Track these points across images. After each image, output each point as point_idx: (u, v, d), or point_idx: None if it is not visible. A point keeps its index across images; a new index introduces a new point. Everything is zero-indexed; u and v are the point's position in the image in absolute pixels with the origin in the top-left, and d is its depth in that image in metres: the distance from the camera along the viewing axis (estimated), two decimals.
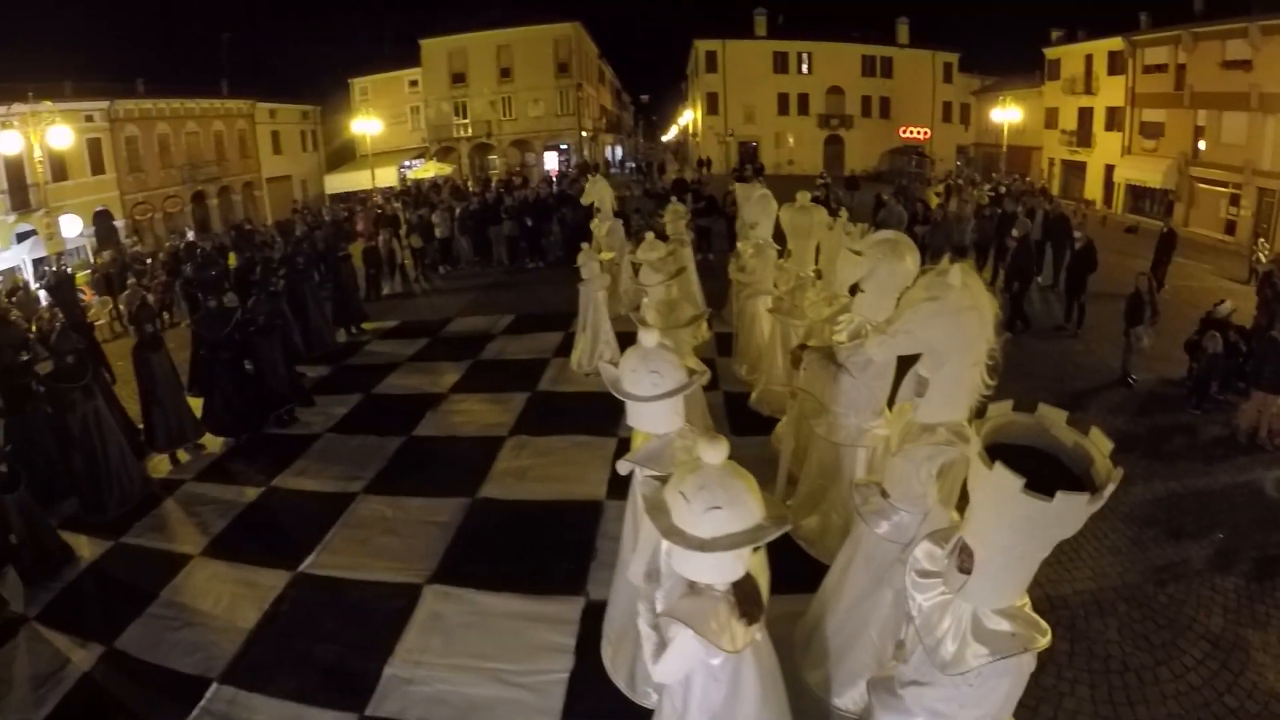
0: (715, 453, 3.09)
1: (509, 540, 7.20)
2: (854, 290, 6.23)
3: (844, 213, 7.49)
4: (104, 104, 33.04)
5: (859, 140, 49.21)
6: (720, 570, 3.09)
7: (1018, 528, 2.61)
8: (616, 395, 4.34)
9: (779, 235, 9.43)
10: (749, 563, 3.19)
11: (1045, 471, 2.57)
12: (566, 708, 5.09)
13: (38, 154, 23.47)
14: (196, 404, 10.27)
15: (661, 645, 3.33)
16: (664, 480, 3.35)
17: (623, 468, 4.56)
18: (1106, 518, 6.91)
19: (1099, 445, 2.64)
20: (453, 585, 6.56)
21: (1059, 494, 2.41)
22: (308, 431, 10.14)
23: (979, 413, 3.73)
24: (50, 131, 23.19)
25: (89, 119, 31.97)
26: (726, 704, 3.38)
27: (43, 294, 17.98)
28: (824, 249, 8.09)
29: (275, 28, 69.29)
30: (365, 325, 15.25)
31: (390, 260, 19.32)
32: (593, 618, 5.73)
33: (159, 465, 9.74)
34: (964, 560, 2.86)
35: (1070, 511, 2.47)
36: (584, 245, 11.75)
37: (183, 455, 9.92)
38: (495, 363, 12.35)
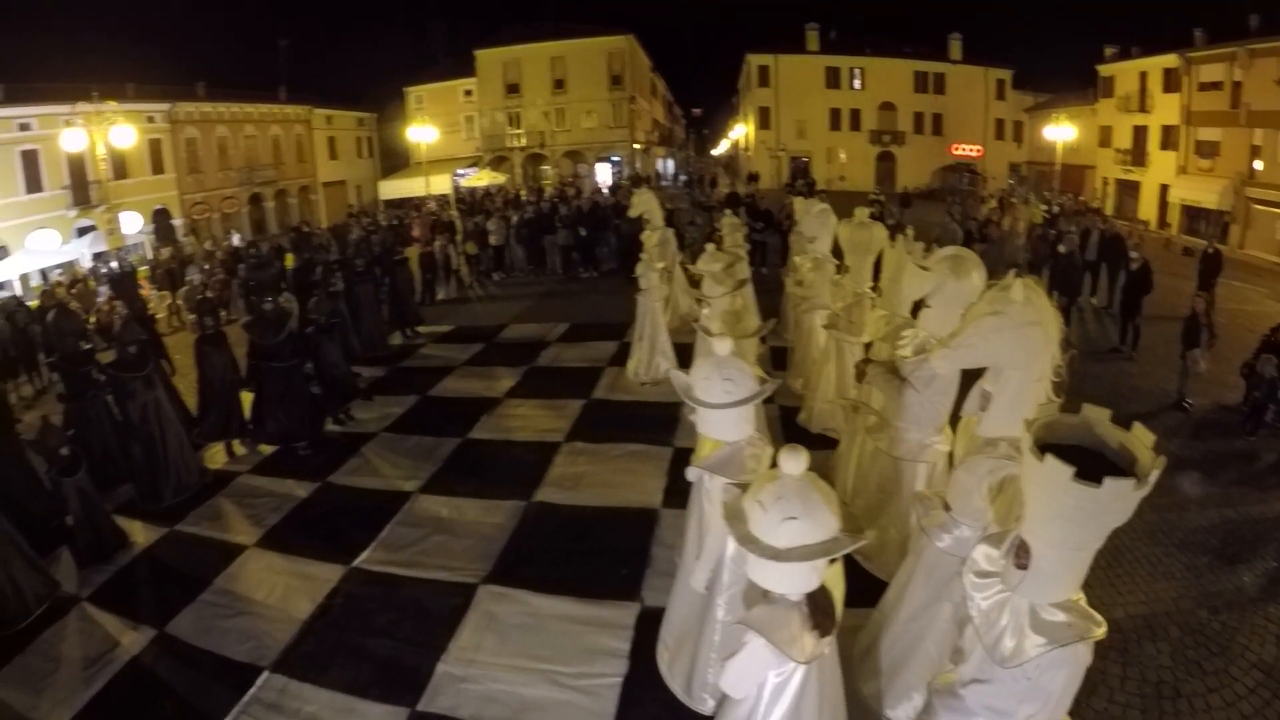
0: (794, 463, 3.19)
1: (564, 544, 7.27)
2: (917, 307, 6.29)
3: (909, 230, 7.49)
4: (165, 106, 34.69)
5: (911, 157, 49.11)
6: (795, 580, 3.19)
7: (1070, 517, 2.77)
8: (688, 402, 4.45)
9: (835, 251, 9.49)
10: (824, 575, 3.25)
11: (1092, 465, 2.73)
12: (620, 712, 5.12)
13: (100, 152, 24.40)
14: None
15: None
16: (743, 488, 3.44)
17: (691, 474, 4.65)
18: (1160, 542, 6.83)
19: (1141, 439, 2.83)
20: (507, 586, 6.63)
21: (1106, 480, 2.59)
22: (363, 430, 10.38)
23: None
24: (113, 131, 24.14)
25: (150, 120, 33.49)
26: (789, 716, 3.40)
27: (102, 287, 18.69)
28: (885, 265, 8.08)
29: (333, 36, 71.70)
30: (420, 329, 15.56)
31: (446, 266, 19.73)
32: (647, 624, 5.79)
33: (215, 457, 10.05)
34: (1021, 557, 3.01)
35: (1119, 498, 2.65)
36: (642, 256, 11.88)
37: (238, 448, 10.22)
38: (550, 370, 12.49)
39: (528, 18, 52.86)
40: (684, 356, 10.87)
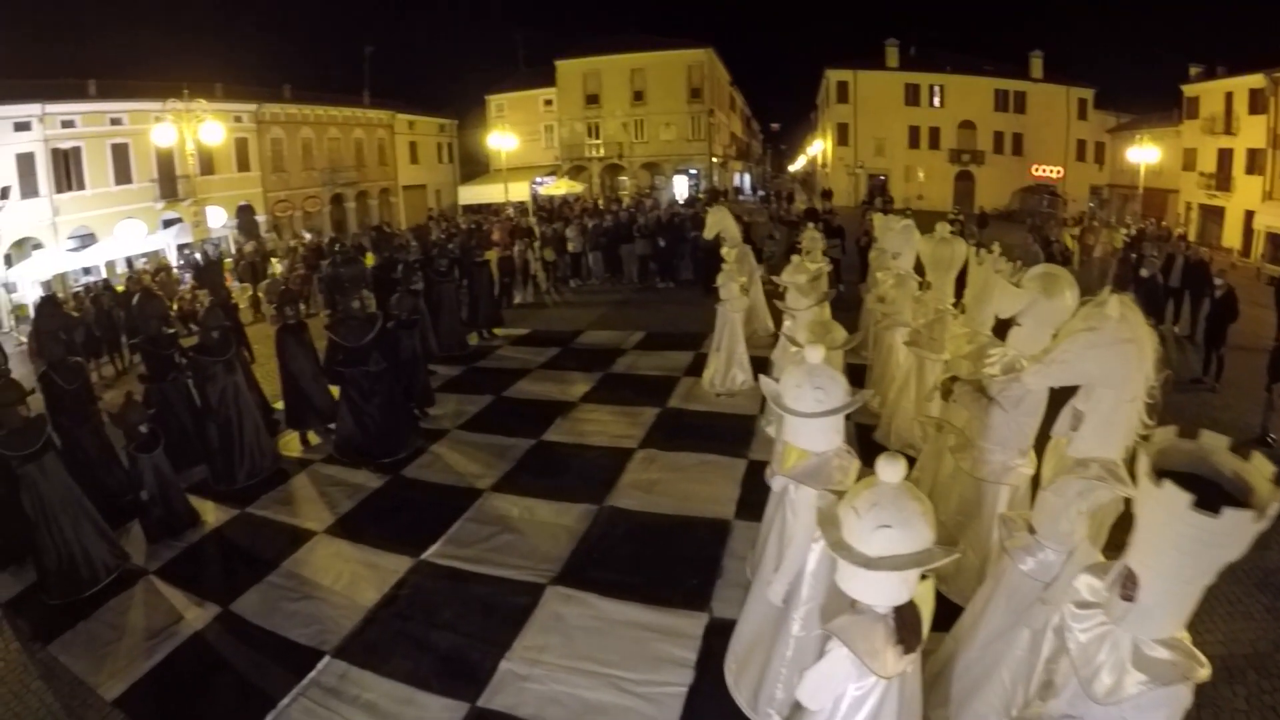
0: (892, 471, 3.16)
1: (635, 550, 7.24)
2: (1000, 325, 6.29)
3: (996, 246, 7.40)
4: (252, 107, 36.48)
5: (990, 177, 48.05)
6: (884, 591, 3.15)
7: (1184, 548, 2.73)
8: (778, 409, 4.45)
9: (916, 268, 9.44)
10: (914, 589, 3.21)
11: (1208, 494, 2.68)
12: None
13: (189, 147, 25.58)
14: (334, 390, 10.77)
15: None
16: (839, 495, 3.43)
17: (776, 483, 4.67)
18: (1240, 582, 6.55)
19: (1261, 470, 2.75)
20: (576, 589, 6.62)
21: (1225, 510, 2.54)
22: (437, 427, 10.57)
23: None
24: (203, 128, 25.26)
25: (238, 119, 35.18)
26: None
27: (185, 274, 19.51)
28: (970, 282, 7.92)
29: (417, 44, 73.98)
30: (497, 331, 15.92)
31: (524, 270, 20.09)
32: (716, 635, 5.74)
33: (290, 444, 10.40)
34: (1127, 588, 2.97)
35: (1236, 530, 2.59)
36: (724, 265, 11.86)
37: (313, 437, 10.53)
38: (625, 376, 12.53)
39: (609, 29, 53.77)
40: (760, 371, 10.83)
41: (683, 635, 5.88)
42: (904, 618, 3.19)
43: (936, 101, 49.21)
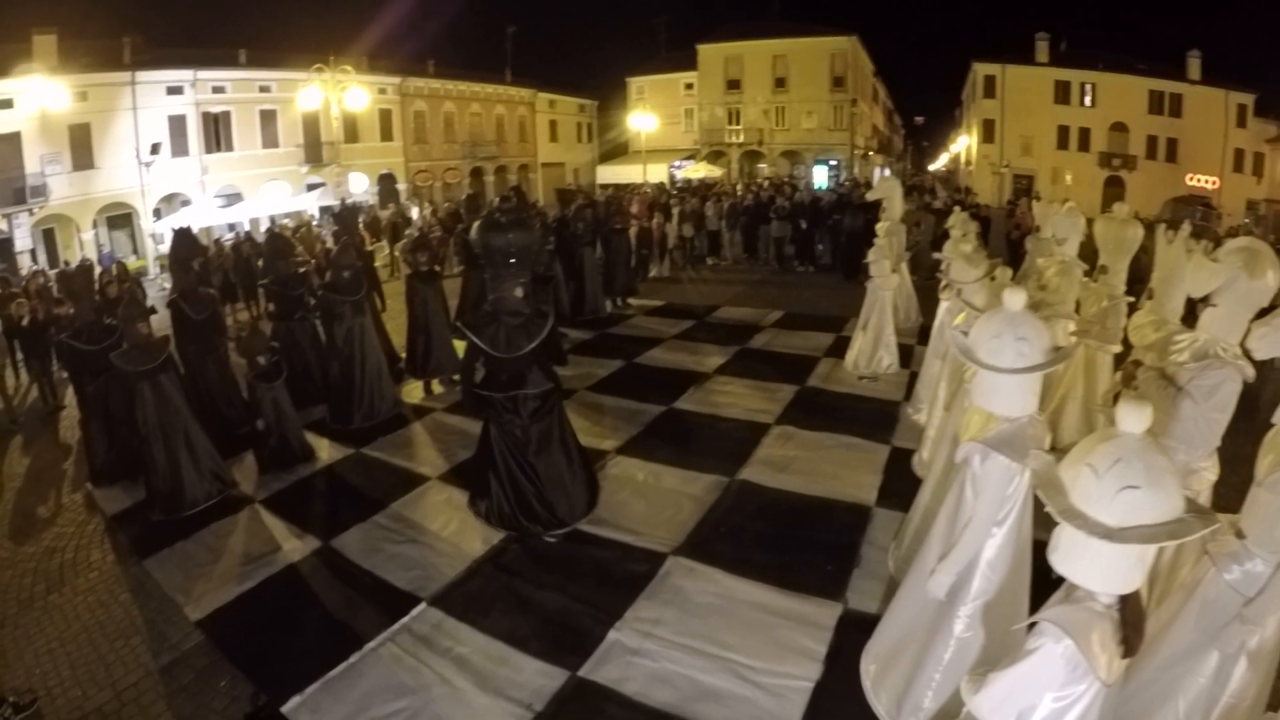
0: (1136, 418, 2.62)
1: (765, 528, 6.68)
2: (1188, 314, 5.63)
3: (1186, 225, 6.58)
4: (396, 79, 38.06)
5: (1140, 183, 44.21)
6: (1117, 574, 2.61)
7: None
8: (972, 365, 3.93)
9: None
10: (1147, 574, 2.67)
11: None
12: None
13: (334, 112, 26.51)
14: (460, 345, 10.69)
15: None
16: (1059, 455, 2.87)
17: (962, 451, 4.01)
18: None
19: None
20: (699, 562, 6.12)
21: None
22: (565, 387, 10.15)
23: None
24: (348, 93, 26.10)
25: (382, 91, 36.71)
26: None
27: (325, 234, 20.10)
28: (1158, 264, 7.20)
29: (559, 25, 75.17)
30: (631, 300, 15.87)
31: (662, 244, 20.00)
32: (849, 628, 5.20)
33: (413, 392, 10.45)
34: None
35: None
36: (876, 241, 11.28)
37: (437, 387, 10.56)
38: (763, 353, 12.01)
39: (751, 13, 53.19)
40: (904, 358, 10.68)
41: (813, 624, 5.29)
42: (1130, 611, 2.64)
43: (1087, 100, 46.32)
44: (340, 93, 26.09)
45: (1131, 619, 2.64)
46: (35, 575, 6.63)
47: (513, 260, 6.41)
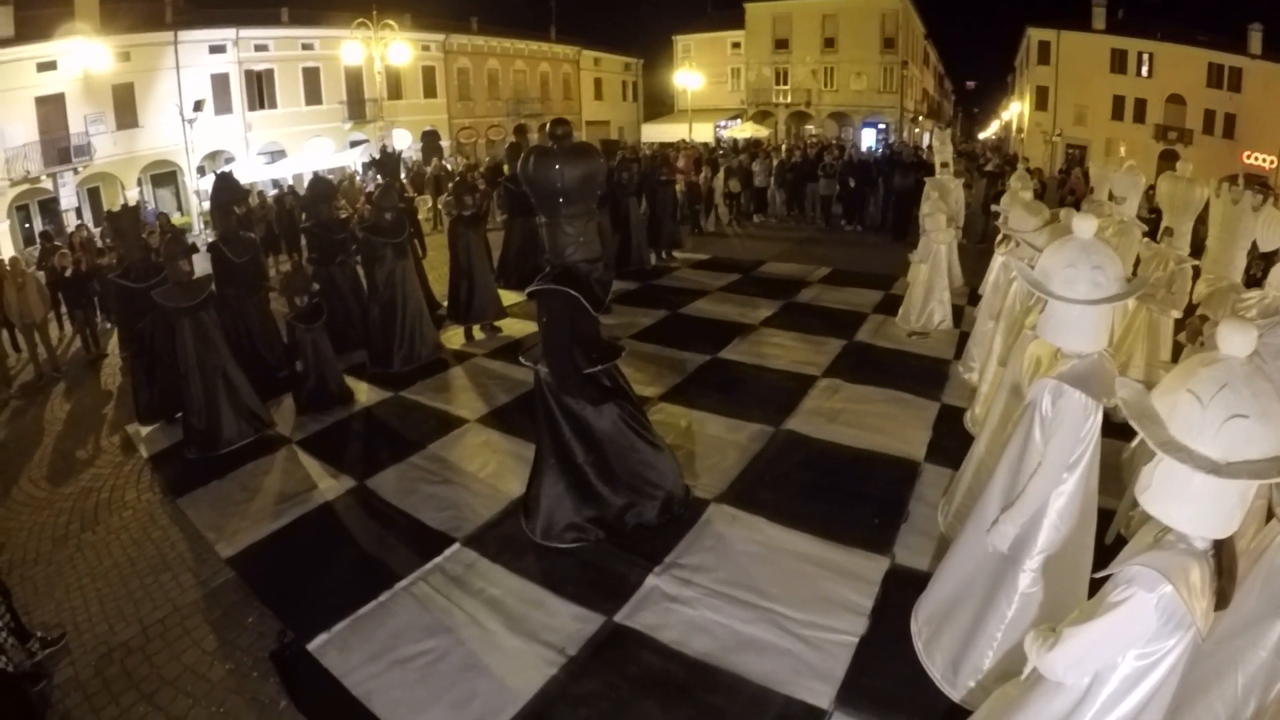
0: (1241, 339, 2.38)
1: (811, 478, 6.49)
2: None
3: (1240, 178, 6.24)
4: (440, 36, 37.75)
5: (1195, 159, 41.67)
6: (1216, 515, 2.37)
7: None
8: (1043, 296, 3.67)
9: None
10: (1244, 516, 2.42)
11: None
12: (848, 677, 4.26)
13: (377, 67, 26.37)
14: (506, 295, 10.90)
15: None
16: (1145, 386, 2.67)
17: (1036, 389, 3.77)
18: None
19: None
20: (743, 510, 5.95)
21: None
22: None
23: None
24: (391, 48, 25.94)
25: (425, 48, 36.42)
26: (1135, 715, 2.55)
27: (369, 186, 20.10)
28: (1213, 221, 7.06)
29: None
30: (676, 253, 15.73)
31: (707, 199, 19.83)
32: (896, 584, 5.02)
33: (453, 338, 10.40)
34: None
35: None
36: (927, 193, 11.05)
37: (478, 333, 10.49)
38: (810, 307, 11.75)
39: None
40: (955, 318, 10.42)
41: (859, 578, 5.09)
42: (1226, 557, 2.44)
43: (1144, 71, 44.25)
44: (383, 49, 25.98)
45: (1227, 566, 2.42)
46: (71, 514, 6.67)
47: (571, 197, 5.26)
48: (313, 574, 5.40)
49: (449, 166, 26.82)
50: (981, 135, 75.39)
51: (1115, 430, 3.86)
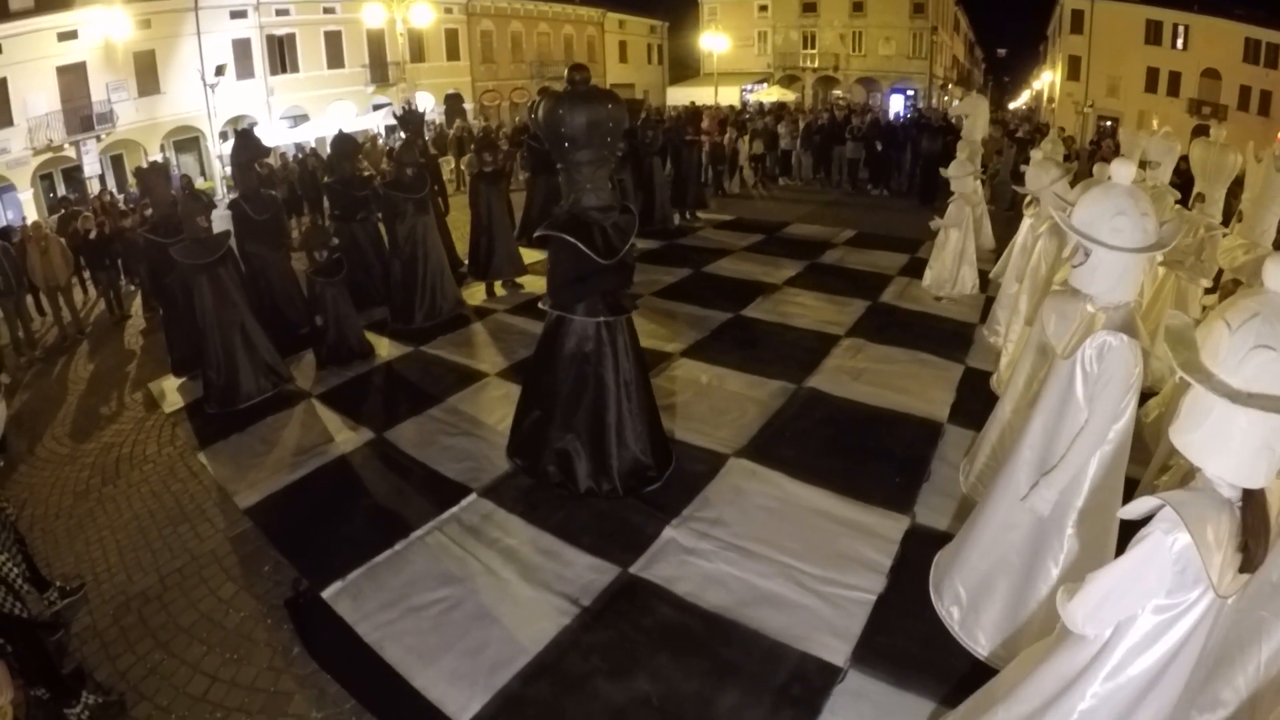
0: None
1: (832, 435, 6.44)
2: None
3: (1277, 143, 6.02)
4: None
5: (1230, 136, 40.40)
6: (1239, 459, 2.25)
7: None
8: (1088, 246, 3.45)
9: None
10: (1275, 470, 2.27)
11: None
12: (864, 636, 4.20)
13: (399, 29, 26.17)
14: (527, 253, 10.89)
15: None
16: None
17: (1096, 340, 3.51)
18: None
19: None
20: (762, 465, 5.90)
21: None
22: (631, 293, 9.97)
23: None
24: (412, 11, 25.73)
25: (448, 11, 36.00)
26: (1149, 679, 2.46)
27: (392, 145, 20.06)
28: (1248, 186, 6.93)
29: None
30: (701, 213, 15.61)
31: (733, 160, 19.66)
32: (915, 543, 4.97)
33: (474, 294, 10.40)
34: None
35: None
36: (959, 154, 10.76)
37: (499, 289, 10.48)
38: (834, 268, 11.61)
39: None
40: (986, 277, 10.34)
41: (878, 536, 5.03)
42: (1254, 513, 2.29)
43: (1179, 43, 42.83)
44: (405, 11, 25.81)
45: (1253, 523, 2.28)
46: (92, 469, 6.73)
47: (579, 142, 5.18)
48: (329, 524, 5.41)
49: (472, 128, 26.74)
50: (1012, 105, 74.23)
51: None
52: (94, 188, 23.07)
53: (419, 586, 4.65)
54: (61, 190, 23.97)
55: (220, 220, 8.63)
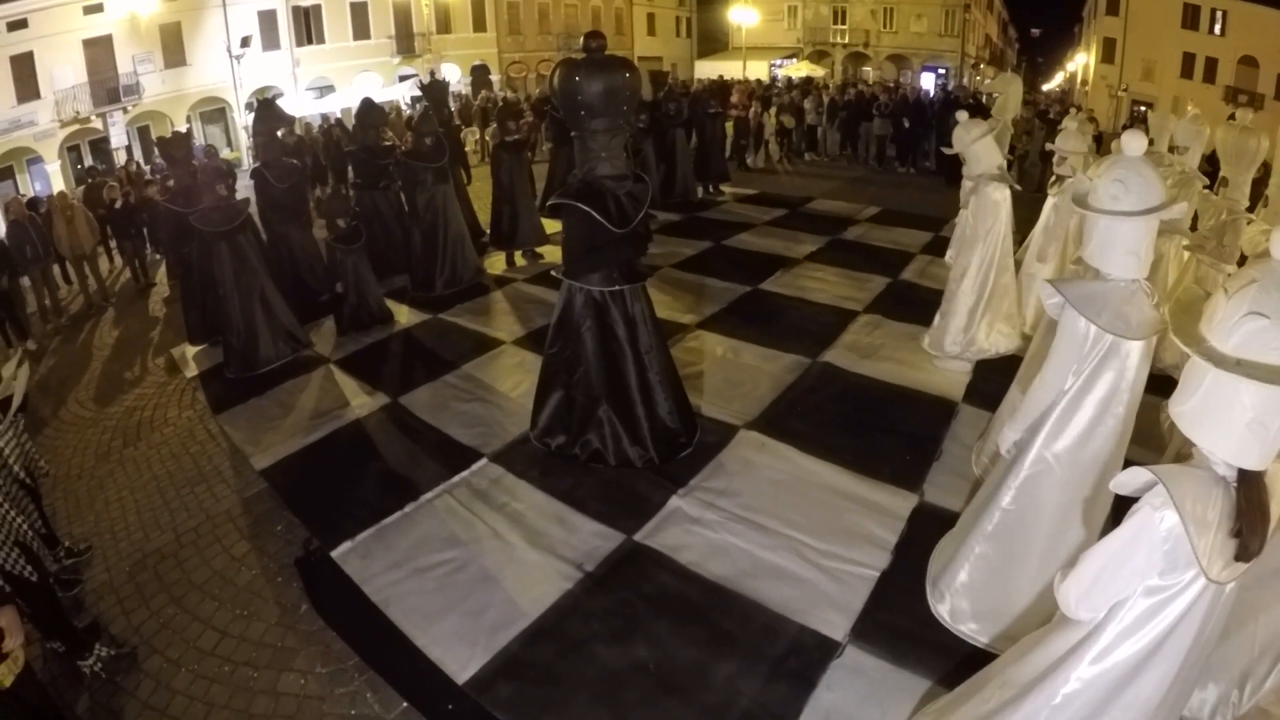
0: None
1: (845, 411, 6.40)
2: None
3: None
4: None
5: (1266, 125, 38.86)
6: (1231, 433, 2.17)
7: None
8: (1081, 212, 3.51)
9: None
10: (1274, 453, 2.17)
11: None
12: (865, 612, 4.19)
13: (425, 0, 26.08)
14: (549, 223, 10.83)
15: None
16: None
17: (1047, 291, 3.52)
18: None
19: None
20: (772, 437, 5.90)
21: None
22: (649, 263, 10.08)
23: None
24: None
25: None
26: (1136, 663, 2.39)
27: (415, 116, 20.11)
28: (1275, 171, 6.87)
29: None
30: (724, 187, 15.55)
31: (758, 133, 19.50)
32: (921, 521, 4.92)
33: (495, 264, 10.48)
34: None
35: None
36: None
37: (519, 259, 10.54)
38: (856, 244, 11.50)
39: None
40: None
41: (885, 513, 5.00)
42: (1249, 498, 2.18)
43: (1217, 29, 41.45)
44: None
45: (1247, 509, 2.17)
46: (114, 432, 6.88)
47: (594, 110, 5.14)
48: (342, 485, 5.52)
49: (497, 99, 26.71)
50: (1046, 87, 73.05)
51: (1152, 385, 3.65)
52: (120, 159, 23.31)
53: (426, 548, 4.74)
54: (89, 161, 24.19)
55: (244, 189, 8.71)
